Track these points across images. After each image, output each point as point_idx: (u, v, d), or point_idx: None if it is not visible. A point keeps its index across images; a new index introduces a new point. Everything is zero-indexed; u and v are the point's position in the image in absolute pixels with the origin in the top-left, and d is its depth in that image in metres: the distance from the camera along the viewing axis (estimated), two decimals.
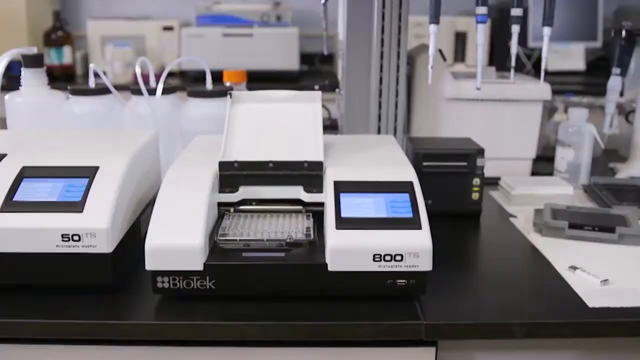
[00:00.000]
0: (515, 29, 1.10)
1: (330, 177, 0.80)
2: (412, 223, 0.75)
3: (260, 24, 2.58)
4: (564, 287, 0.81)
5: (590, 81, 2.62)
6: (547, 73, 1.07)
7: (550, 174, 1.25)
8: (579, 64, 2.71)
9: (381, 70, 1.13)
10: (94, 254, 0.74)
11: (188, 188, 0.79)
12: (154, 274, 0.73)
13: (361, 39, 1.15)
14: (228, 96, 0.90)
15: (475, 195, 1.02)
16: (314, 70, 2.84)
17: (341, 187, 0.78)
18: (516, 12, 1.09)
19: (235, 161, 0.82)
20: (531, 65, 2.64)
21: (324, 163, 0.83)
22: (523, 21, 2.87)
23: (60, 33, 2.63)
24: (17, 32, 2.58)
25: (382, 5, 1.10)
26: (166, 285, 0.73)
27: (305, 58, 2.78)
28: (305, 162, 0.82)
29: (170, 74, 1.13)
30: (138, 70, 1.08)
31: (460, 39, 2.58)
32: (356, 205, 0.77)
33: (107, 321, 0.72)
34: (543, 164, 1.30)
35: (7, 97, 1.13)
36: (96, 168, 0.80)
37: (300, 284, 0.74)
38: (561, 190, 1.11)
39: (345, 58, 1.17)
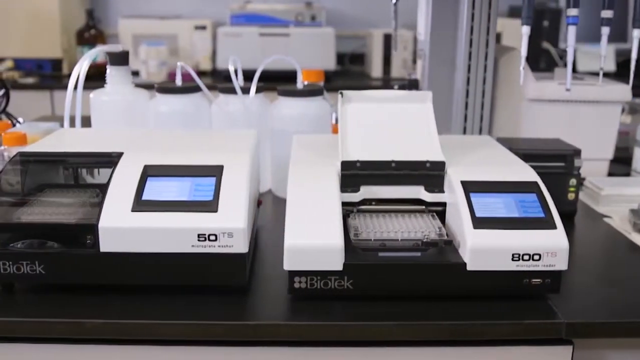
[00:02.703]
0: (605, 30, 1.11)
1: (454, 177, 0.80)
2: (546, 222, 0.75)
3: (295, 24, 2.58)
4: None
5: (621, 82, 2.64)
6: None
7: (625, 174, 1.26)
8: (609, 65, 2.73)
9: (469, 71, 1.13)
10: (230, 254, 0.73)
11: (317, 188, 0.78)
12: (291, 274, 0.73)
13: (445, 39, 1.15)
14: (339, 95, 0.89)
15: (571, 196, 1.03)
16: (344, 70, 2.84)
17: (470, 187, 0.78)
18: (607, 14, 1.09)
19: (358, 161, 0.82)
20: (563, 64, 2.65)
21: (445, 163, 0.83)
22: (555, 23, 2.88)
23: (93, 32, 2.62)
24: (50, 31, 2.57)
25: (472, 6, 1.10)
26: (303, 285, 0.73)
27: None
28: (428, 161, 0.82)
29: (202, 73, 1.12)
30: (231, 68, 1.07)
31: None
32: (487, 205, 0.77)
33: (247, 322, 0.72)
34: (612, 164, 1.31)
35: (93, 95, 1.12)
36: (221, 167, 0.79)
37: (437, 284, 0.74)
38: None
39: (428, 58, 1.17)
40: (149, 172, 0.79)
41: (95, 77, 1.24)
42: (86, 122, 1.12)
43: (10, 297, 0.76)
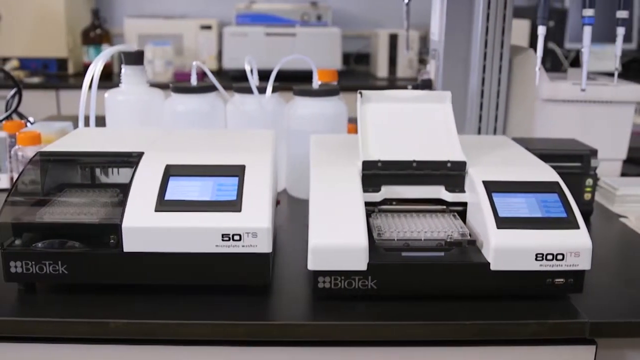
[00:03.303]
0: (620, 31, 1.11)
1: (475, 177, 0.80)
2: (569, 222, 0.75)
3: (301, 24, 2.58)
4: None
5: None
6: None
7: (638, 174, 1.26)
8: (613, 66, 2.73)
9: (483, 71, 1.13)
10: (254, 254, 0.73)
11: (339, 188, 0.78)
12: (316, 274, 0.73)
13: (460, 39, 1.15)
14: (358, 95, 0.89)
15: (587, 196, 1.03)
16: (350, 70, 2.84)
17: (492, 187, 0.79)
18: (622, 14, 1.10)
19: (379, 160, 0.82)
20: (568, 64, 2.66)
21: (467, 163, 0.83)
22: (561, 23, 2.88)
23: (98, 31, 2.61)
24: (55, 30, 2.57)
25: (487, 6, 1.10)
26: (327, 285, 0.73)
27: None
28: (449, 161, 0.82)
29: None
30: (248, 68, 1.07)
31: None
32: (510, 205, 0.77)
33: (273, 322, 0.71)
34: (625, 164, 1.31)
35: (107, 94, 1.12)
36: (243, 167, 0.79)
37: (460, 284, 0.74)
38: None
39: (442, 58, 1.18)
40: (171, 171, 0.79)
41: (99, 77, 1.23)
42: (99, 121, 1.12)
43: (31, 297, 0.76)
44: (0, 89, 2.49)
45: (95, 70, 1.10)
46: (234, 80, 2.46)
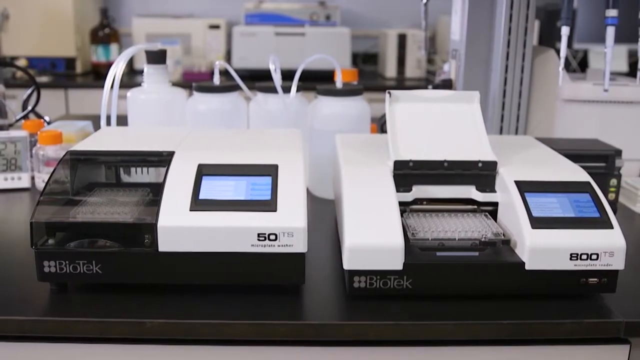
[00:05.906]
0: None
1: (506, 177, 0.81)
2: (602, 222, 0.75)
3: (310, 23, 2.58)
4: None
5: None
6: None
7: None
8: (622, 66, 2.74)
9: (506, 71, 1.14)
10: (290, 254, 0.73)
11: (373, 187, 0.78)
12: (351, 273, 0.73)
13: (481, 39, 1.16)
14: (387, 95, 0.90)
15: (611, 196, 1.03)
16: (358, 70, 2.84)
17: (524, 187, 0.79)
18: None
19: (410, 160, 0.82)
20: (577, 64, 2.67)
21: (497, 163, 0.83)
22: (571, 23, 2.88)
23: (107, 30, 2.61)
24: (64, 29, 2.56)
25: (510, 7, 1.11)
26: (362, 285, 0.73)
27: None
28: (480, 161, 0.82)
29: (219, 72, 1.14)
30: (272, 67, 1.07)
31: None
32: (543, 205, 0.77)
33: (311, 322, 0.71)
34: None
35: (130, 93, 1.12)
36: (276, 166, 0.79)
37: (495, 283, 0.74)
38: None
39: (463, 58, 1.18)
40: (204, 171, 0.79)
41: (103, 76, 1.22)
42: (118, 121, 1.12)
43: (63, 297, 0.76)
44: (9, 87, 2.49)
45: (117, 69, 1.10)
46: (243, 80, 2.46)
